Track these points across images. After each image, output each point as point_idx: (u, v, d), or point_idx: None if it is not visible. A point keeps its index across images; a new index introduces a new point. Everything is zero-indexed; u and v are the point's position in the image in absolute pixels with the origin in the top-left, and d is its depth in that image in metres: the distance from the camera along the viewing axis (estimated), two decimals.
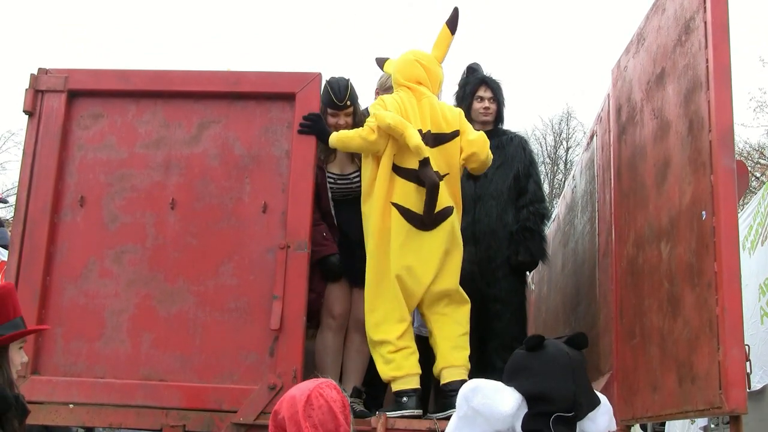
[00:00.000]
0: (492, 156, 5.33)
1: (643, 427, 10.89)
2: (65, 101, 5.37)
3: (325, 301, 5.46)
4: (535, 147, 30.34)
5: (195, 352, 5.02)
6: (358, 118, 5.52)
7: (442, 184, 5.04)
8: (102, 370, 5.03)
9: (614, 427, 3.18)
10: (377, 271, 5.08)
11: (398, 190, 5.06)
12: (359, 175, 5.46)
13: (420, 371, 5.04)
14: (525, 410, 2.95)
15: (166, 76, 5.46)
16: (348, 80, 5.52)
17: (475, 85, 6.09)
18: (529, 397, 2.95)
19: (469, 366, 5.08)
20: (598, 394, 3.14)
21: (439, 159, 5.09)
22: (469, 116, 6.02)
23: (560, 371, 2.98)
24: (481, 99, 6.07)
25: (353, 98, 5.52)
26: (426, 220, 5.01)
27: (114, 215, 5.24)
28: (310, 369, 5.25)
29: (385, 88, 6.11)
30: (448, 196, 5.11)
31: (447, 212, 5.09)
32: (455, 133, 5.20)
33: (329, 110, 5.44)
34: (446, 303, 5.14)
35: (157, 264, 5.15)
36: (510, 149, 5.99)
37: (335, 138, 5.16)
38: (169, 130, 5.34)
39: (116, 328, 5.09)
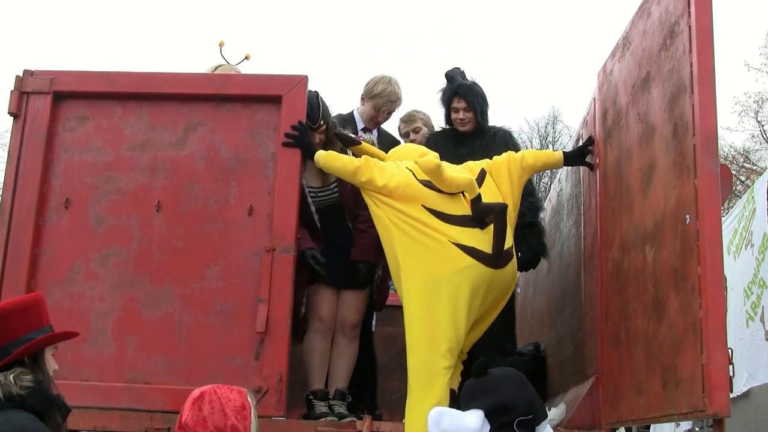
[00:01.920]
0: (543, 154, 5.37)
1: (628, 430, 10.91)
2: (50, 103, 5.35)
3: (313, 304, 5.45)
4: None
5: (180, 354, 5.01)
6: (330, 134, 5.48)
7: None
8: (87, 373, 5.01)
9: None
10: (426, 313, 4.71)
11: (457, 233, 4.75)
12: (337, 186, 5.45)
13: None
14: (488, 427, 3.10)
15: (152, 78, 5.45)
16: (317, 94, 5.44)
17: (449, 96, 6.03)
18: (491, 410, 3.11)
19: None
20: None
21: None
22: (450, 124, 6.05)
23: (514, 382, 3.22)
24: (456, 110, 6.00)
25: (326, 115, 5.47)
26: (495, 255, 4.72)
27: (100, 217, 5.23)
28: (296, 372, 5.24)
29: (371, 96, 6.12)
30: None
31: (511, 250, 4.89)
32: (482, 173, 5.05)
33: None
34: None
35: (142, 267, 5.14)
36: (494, 146, 5.88)
37: (321, 156, 5.06)
38: (155, 133, 5.34)
39: (101, 330, 5.08)
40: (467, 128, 6.00)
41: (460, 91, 5.98)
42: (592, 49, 36.63)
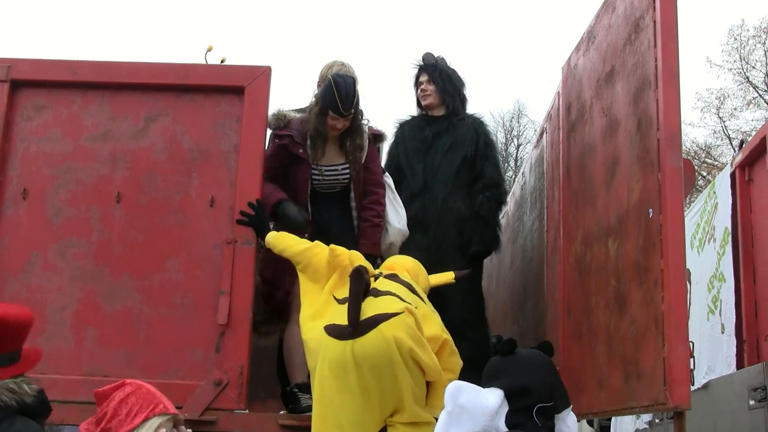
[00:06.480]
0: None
1: (590, 422, 11.00)
2: (8, 91, 5.24)
3: None
4: None
5: (140, 347, 4.94)
6: (356, 122, 5.36)
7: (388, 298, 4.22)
8: (44, 366, 4.88)
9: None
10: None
11: (330, 314, 4.34)
12: (348, 168, 5.41)
13: None
14: (506, 408, 3.12)
15: (112, 67, 5.37)
16: (354, 81, 5.33)
17: (416, 75, 6.13)
18: (511, 392, 3.15)
19: None
20: None
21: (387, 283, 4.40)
22: (420, 107, 6.06)
23: (538, 366, 3.26)
24: (420, 83, 6.06)
25: (358, 103, 5.29)
26: (351, 323, 4.04)
27: (58, 209, 5.14)
28: (257, 365, 5.20)
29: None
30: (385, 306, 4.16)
31: (377, 319, 4.06)
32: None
33: (331, 113, 5.22)
34: None
35: (102, 259, 5.06)
36: (461, 131, 5.88)
37: (271, 237, 4.89)
38: (116, 123, 5.25)
39: (59, 323, 5.00)
40: (429, 102, 5.99)
41: (425, 67, 6.07)
42: (556, 43, 36.89)
